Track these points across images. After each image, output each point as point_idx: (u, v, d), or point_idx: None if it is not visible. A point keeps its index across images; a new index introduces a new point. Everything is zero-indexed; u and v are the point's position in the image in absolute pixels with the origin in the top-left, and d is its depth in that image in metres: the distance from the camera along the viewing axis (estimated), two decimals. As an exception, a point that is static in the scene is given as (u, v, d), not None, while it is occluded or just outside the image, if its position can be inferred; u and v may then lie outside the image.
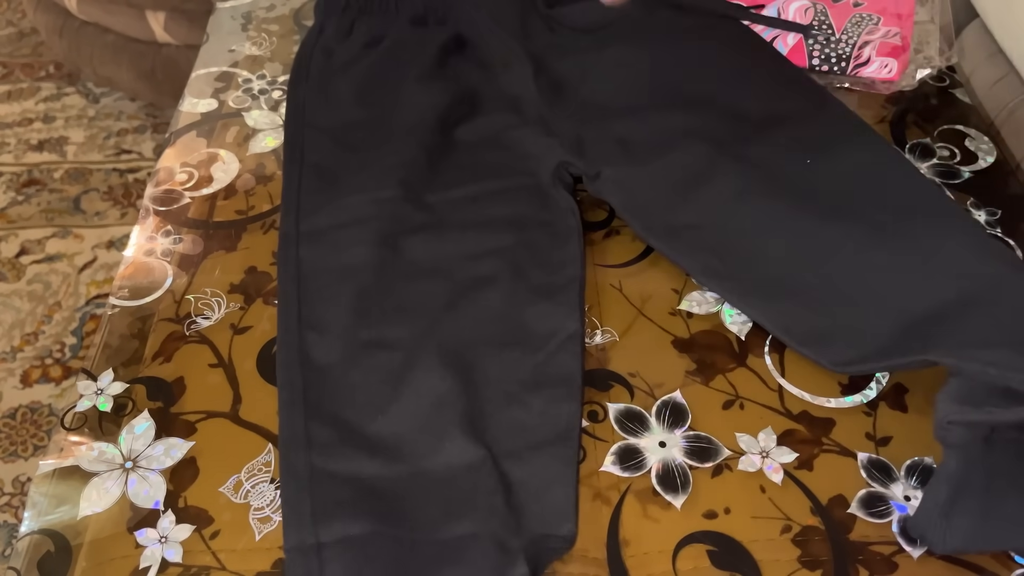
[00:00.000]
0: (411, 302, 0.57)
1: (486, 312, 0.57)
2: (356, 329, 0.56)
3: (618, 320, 0.58)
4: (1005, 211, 0.65)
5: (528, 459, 0.50)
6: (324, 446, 0.50)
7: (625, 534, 0.48)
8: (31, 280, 1.42)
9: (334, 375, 0.54)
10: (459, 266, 0.59)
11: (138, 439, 0.53)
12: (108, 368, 0.57)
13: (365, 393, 0.53)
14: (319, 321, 0.56)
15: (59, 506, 0.50)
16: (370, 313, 0.56)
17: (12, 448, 1.22)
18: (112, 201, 1.54)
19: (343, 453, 0.50)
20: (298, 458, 0.49)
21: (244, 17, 0.85)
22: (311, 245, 0.60)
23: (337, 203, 0.63)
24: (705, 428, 0.53)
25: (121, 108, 1.71)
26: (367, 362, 0.54)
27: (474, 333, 0.56)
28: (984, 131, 0.72)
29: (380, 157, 0.66)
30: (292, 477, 0.49)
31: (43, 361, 1.32)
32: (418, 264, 0.59)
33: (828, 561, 0.47)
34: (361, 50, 0.75)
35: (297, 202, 0.63)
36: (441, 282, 0.58)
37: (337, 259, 0.59)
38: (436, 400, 0.52)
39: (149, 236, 0.65)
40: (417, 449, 0.50)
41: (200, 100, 0.76)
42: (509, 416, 0.52)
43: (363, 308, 0.57)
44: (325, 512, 0.47)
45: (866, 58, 0.75)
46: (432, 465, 0.50)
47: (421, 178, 0.64)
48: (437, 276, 0.59)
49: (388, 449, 0.50)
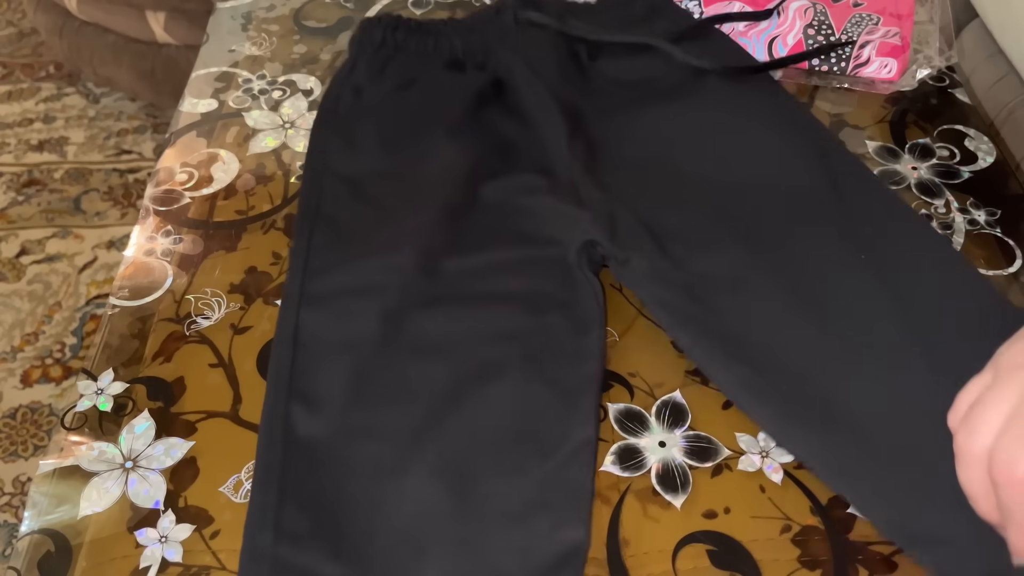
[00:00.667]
0: (412, 386, 0.53)
1: (492, 408, 0.51)
2: (348, 410, 0.51)
3: (618, 320, 0.58)
4: (1005, 211, 0.65)
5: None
6: (293, 537, 0.46)
7: (625, 534, 0.48)
8: (31, 280, 1.42)
9: (318, 458, 0.49)
10: (468, 347, 0.54)
11: (138, 439, 0.53)
12: (108, 368, 0.57)
13: (348, 487, 0.48)
14: (310, 395, 0.52)
15: (59, 506, 0.50)
16: (365, 394, 0.52)
17: (12, 448, 1.23)
18: (112, 201, 1.54)
19: (312, 547, 0.46)
20: (264, 541, 0.46)
21: (244, 17, 0.85)
22: (313, 309, 0.56)
23: (347, 265, 0.58)
24: (705, 428, 0.53)
25: (121, 108, 1.71)
26: (355, 452, 0.50)
27: (477, 433, 0.50)
28: (984, 131, 0.72)
29: (399, 216, 0.61)
30: (252, 560, 0.46)
31: (43, 361, 1.32)
32: (424, 341, 0.55)
33: (828, 561, 0.47)
34: (392, 92, 0.70)
35: (306, 258, 0.59)
36: (446, 364, 0.53)
37: (339, 330, 0.55)
38: (424, 512, 0.47)
39: (149, 236, 0.65)
40: (393, 563, 0.46)
41: (200, 100, 0.76)
42: (508, 538, 0.47)
43: (359, 387, 0.52)
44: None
45: (866, 58, 0.75)
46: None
47: (439, 242, 0.59)
48: (443, 356, 0.54)
49: (360, 557, 0.46)
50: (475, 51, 0.72)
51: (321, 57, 0.80)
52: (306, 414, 0.51)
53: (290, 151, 0.71)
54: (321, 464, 0.49)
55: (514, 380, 0.52)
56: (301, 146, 0.71)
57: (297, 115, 0.74)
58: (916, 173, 0.68)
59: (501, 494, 0.48)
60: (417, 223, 0.60)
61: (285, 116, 0.74)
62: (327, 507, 0.47)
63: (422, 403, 0.52)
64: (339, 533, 0.47)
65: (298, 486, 0.48)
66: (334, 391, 0.52)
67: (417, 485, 0.48)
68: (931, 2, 0.79)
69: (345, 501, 0.48)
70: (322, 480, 0.48)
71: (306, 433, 0.50)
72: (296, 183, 0.68)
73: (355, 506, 0.47)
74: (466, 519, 0.47)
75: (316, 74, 0.78)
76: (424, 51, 0.72)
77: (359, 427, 0.50)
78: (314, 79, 0.77)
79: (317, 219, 0.61)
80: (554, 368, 0.53)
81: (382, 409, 0.51)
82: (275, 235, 0.64)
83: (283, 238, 0.64)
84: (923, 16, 0.79)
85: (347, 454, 0.49)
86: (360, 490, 0.48)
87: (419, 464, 0.49)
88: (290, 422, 0.50)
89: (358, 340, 0.54)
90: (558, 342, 0.54)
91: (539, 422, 0.51)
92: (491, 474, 0.49)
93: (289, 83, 0.77)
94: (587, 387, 0.52)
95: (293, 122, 0.73)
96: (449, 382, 0.52)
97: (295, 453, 0.49)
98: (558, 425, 0.51)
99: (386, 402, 0.52)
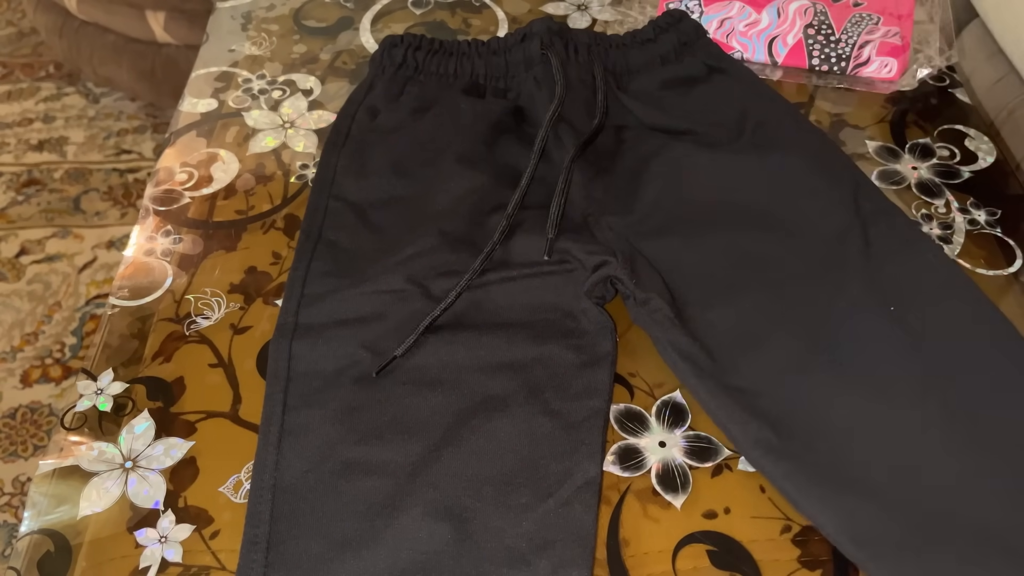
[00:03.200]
0: (409, 419, 0.51)
1: (492, 445, 0.50)
2: (341, 445, 0.50)
3: (618, 320, 0.58)
4: (1005, 211, 0.65)
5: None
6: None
7: (625, 534, 0.48)
8: (31, 280, 1.42)
9: (309, 501, 0.48)
10: (469, 379, 0.52)
11: (138, 439, 0.53)
12: (108, 368, 0.57)
13: (340, 526, 0.47)
14: (301, 429, 0.51)
15: (59, 506, 0.50)
16: (359, 427, 0.50)
17: (12, 448, 1.22)
18: (112, 201, 1.54)
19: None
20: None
21: (244, 17, 0.85)
22: (306, 340, 0.55)
23: (343, 293, 0.57)
24: (705, 428, 0.53)
25: (121, 108, 1.71)
26: (348, 488, 0.48)
27: (477, 471, 0.49)
28: (984, 131, 0.72)
29: (399, 244, 0.59)
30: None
31: (43, 361, 1.32)
32: (423, 371, 0.53)
33: (828, 561, 0.47)
34: (408, 116, 0.68)
35: (302, 286, 0.57)
36: (446, 397, 0.52)
37: (331, 361, 0.54)
38: (421, 555, 0.46)
39: (149, 236, 0.65)
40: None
41: (200, 100, 0.76)
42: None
43: (352, 421, 0.51)
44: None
45: (866, 58, 0.75)
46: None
47: (438, 270, 0.57)
48: (442, 389, 0.52)
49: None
50: (497, 76, 0.70)
51: (321, 57, 0.80)
52: (297, 452, 0.50)
53: (290, 151, 0.71)
54: (312, 508, 0.48)
55: (516, 416, 0.51)
56: (301, 146, 0.71)
57: (297, 115, 0.74)
58: (916, 173, 0.68)
59: (501, 532, 0.46)
60: (415, 250, 0.58)
61: (285, 116, 0.74)
62: (319, 558, 0.46)
63: (419, 438, 0.50)
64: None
65: (286, 540, 0.47)
66: (326, 426, 0.51)
67: (414, 522, 0.46)
68: (931, 2, 0.79)
69: (336, 545, 0.46)
70: (313, 524, 0.47)
71: (296, 474, 0.49)
72: (296, 183, 0.68)
73: (345, 550, 0.46)
74: (465, 558, 0.46)
75: (316, 74, 0.78)
76: (444, 73, 0.70)
77: (354, 462, 0.49)
78: (314, 79, 0.77)
79: (318, 244, 0.60)
80: (557, 400, 0.51)
81: (378, 443, 0.50)
82: (275, 235, 0.64)
83: (283, 238, 0.64)
84: (923, 16, 0.79)
85: (341, 492, 0.48)
86: (354, 532, 0.46)
87: (415, 509, 0.47)
88: (280, 468, 0.49)
89: (351, 372, 0.53)
90: (563, 376, 0.53)
91: (542, 457, 0.49)
92: (491, 511, 0.47)
93: (289, 83, 0.77)
94: (592, 422, 0.51)
95: (293, 122, 0.73)
96: (448, 415, 0.51)
97: (285, 499, 0.48)
98: (561, 461, 0.49)
99: (382, 434, 0.50)
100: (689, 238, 0.60)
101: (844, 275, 0.57)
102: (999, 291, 0.60)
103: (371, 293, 0.56)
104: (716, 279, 0.57)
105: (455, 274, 0.56)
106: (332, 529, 0.47)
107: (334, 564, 0.46)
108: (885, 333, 0.54)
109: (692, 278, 0.57)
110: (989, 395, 0.50)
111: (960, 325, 0.54)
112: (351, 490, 0.48)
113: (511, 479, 0.48)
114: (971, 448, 0.48)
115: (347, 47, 0.81)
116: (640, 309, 0.55)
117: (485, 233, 0.59)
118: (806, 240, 0.59)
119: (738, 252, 0.58)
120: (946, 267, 0.57)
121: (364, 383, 0.52)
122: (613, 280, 0.56)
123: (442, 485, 0.48)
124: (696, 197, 0.62)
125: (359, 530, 0.47)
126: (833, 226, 0.59)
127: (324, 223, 0.62)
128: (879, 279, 0.56)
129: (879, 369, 0.52)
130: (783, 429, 0.49)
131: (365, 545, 0.46)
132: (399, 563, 0.45)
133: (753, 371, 0.52)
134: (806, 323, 0.54)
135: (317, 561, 0.46)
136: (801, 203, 0.61)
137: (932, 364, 0.52)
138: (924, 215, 0.65)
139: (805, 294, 0.56)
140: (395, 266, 0.57)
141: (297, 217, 0.65)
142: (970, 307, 0.55)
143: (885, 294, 0.55)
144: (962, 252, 0.62)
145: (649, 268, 0.57)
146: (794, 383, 0.52)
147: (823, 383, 0.52)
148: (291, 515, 0.47)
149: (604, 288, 0.57)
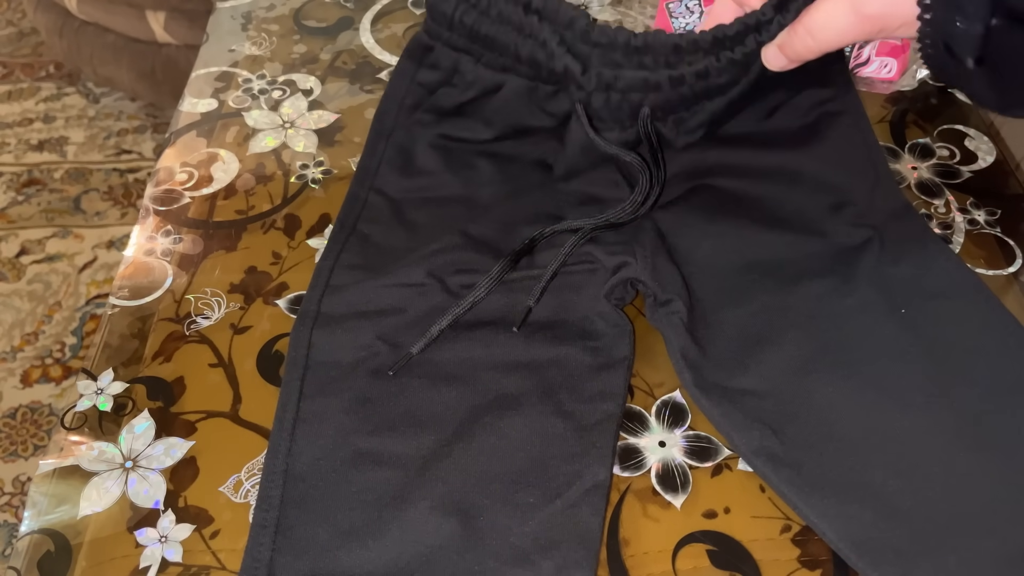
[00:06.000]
0: (422, 412, 0.51)
1: (504, 443, 0.49)
2: (354, 435, 0.50)
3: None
4: (1005, 211, 0.65)
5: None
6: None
7: (625, 534, 0.48)
8: (31, 280, 1.42)
9: (319, 488, 0.48)
10: (483, 376, 0.52)
11: (138, 439, 0.53)
12: (108, 368, 0.57)
13: (348, 515, 0.47)
14: (315, 418, 0.51)
15: (59, 506, 0.50)
16: (373, 418, 0.51)
17: (12, 448, 1.23)
18: (112, 201, 1.54)
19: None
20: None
21: (244, 17, 0.85)
22: (326, 329, 0.54)
23: (364, 285, 0.56)
24: (705, 428, 0.53)
25: (121, 108, 1.71)
26: (357, 478, 0.48)
27: (486, 468, 0.49)
28: (984, 131, 0.72)
29: (428, 241, 0.58)
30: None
31: (43, 361, 1.32)
32: (438, 366, 0.53)
33: (828, 561, 0.47)
34: (465, 102, 0.64)
35: (328, 276, 0.57)
36: (460, 392, 0.52)
37: (349, 351, 0.53)
38: (425, 548, 0.46)
39: (149, 236, 0.65)
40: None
41: (200, 100, 0.76)
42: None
43: (366, 412, 0.51)
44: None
45: (866, 58, 0.75)
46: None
47: (459, 267, 0.57)
48: (457, 384, 0.52)
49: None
50: None
51: (321, 57, 0.80)
52: (310, 440, 0.50)
53: (290, 151, 0.71)
54: (321, 496, 0.48)
55: (529, 415, 0.50)
56: (301, 146, 0.71)
57: (297, 115, 0.74)
58: (916, 173, 0.68)
59: (507, 530, 0.46)
60: (439, 246, 0.58)
61: (285, 116, 0.74)
62: (326, 546, 0.46)
63: (432, 432, 0.50)
64: (338, 568, 0.45)
65: (296, 526, 0.47)
66: (340, 415, 0.51)
67: (421, 516, 0.47)
68: (931, 2, 0.79)
69: (344, 534, 0.46)
70: (322, 512, 0.47)
71: (308, 462, 0.49)
72: (296, 183, 0.68)
73: (352, 540, 0.46)
74: (470, 554, 0.45)
75: (316, 74, 0.78)
76: (506, 52, 0.61)
77: (366, 452, 0.49)
78: (314, 79, 0.77)
79: (351, 236, 0.60)
80: (570, 400, 0.51)
81: (390, 435, 0.50)
82: (275, 235, 0.64)
83: (283, 238, 0.64)
84: (923, 16, 0.78)
85: (351, 482, 0.48)
86: (362, 522, 0.46)
87: (424, 502, 0.47)
88: (292, 455, 0.49)
89: (369, 363, 0.53)
90: (578, 377, 0.52)
91: (551, 458, 0.49)
92: (498, 509, 0.47)
93: (289, 83, 0.77)
94: (605, 425, 0.50)
95: (293, 122, 0.73)
96: (461, 411, 0.51)
97: (295, 487, 0.48)
98: (570, 462, 0.49)
99: (394, 428, 0.50)
100: (706, 229, 0.59)
101: (856, 276, 0.56)
102: (999, 291, 0.60)
103: (392, 286, 0.56)
104: (729, 278, 0.57)
105: (475, 272, 0.56)
106: (340, 518, 0.47)
107: (340, 552, 0.46)
108: (895, 336, 0.53)
109: (708, 276, 0.57)
110: (1000, 401, 0.50)
111: (972, 330, 0.53)
112: (361, 480, 0.48)
113: (520, 478, 0.48)
114: (979, 455, 0.48)
115: (347, 47, 0.81)
116: (660, 310, 0.54)
117: (514, 241, 0.58)
118: (821, 238, 0.58)
119: (751, 250, 0.58)
120: (960, 271, 0.56)
121: (380, 375, 0.53)
122: (633, 282, 0.56)
123: (451, 480, 0.48)
124: (710, 200, 0.61)
125: (366, 520, 0.47)
126: (849, 225, 0.58)
127: (361, 215, 0.61)
128: (891, 282, 0.55)
129: (888, 373, 0.51)
130: (786, 435, 0.49)
131: (371, 535, 0.46)
132: (404, 555, 0.45)
133: (760, 372, 0.52)
134: (816, 324, 0.54)
135: (323, 548, 0.46)
136: (818, 199, 0.60)
137: (943, 369, 0.51)
138: (924, 215, 0.65)
139: (816, 294, 0.55)
140: (418, 260, 0.57)
141: (297, 217, 0.65)
142: (982, 312, 0.54)
143: (896, 297, 0.54)
144: (962, 252, 0.62)
145: (670, 266, 0.56)
146: (801, 385, 0.51)
147: (831, 386, 0.51)
148: (300, 501, 0.48)
149: (624, 290, 0.56)
